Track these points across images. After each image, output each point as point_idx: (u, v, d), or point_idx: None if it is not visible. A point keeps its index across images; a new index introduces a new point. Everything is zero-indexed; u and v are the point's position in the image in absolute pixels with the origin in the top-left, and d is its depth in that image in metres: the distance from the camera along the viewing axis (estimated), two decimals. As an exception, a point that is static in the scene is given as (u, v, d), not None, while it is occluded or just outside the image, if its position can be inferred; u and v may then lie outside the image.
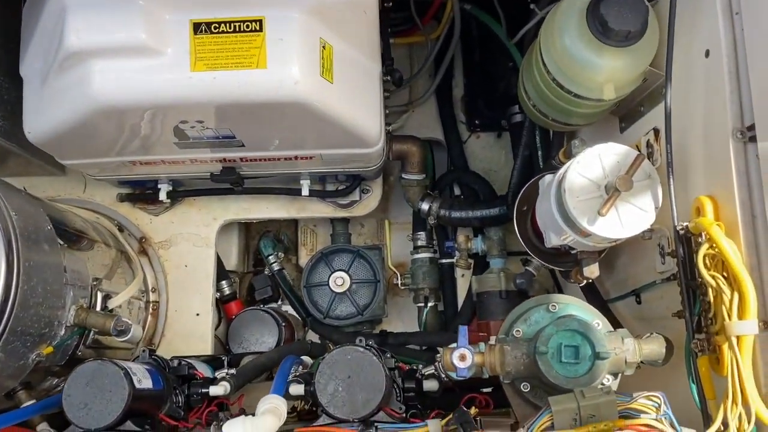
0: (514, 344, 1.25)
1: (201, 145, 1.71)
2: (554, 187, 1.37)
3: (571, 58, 1.35)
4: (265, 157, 1.81)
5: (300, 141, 1.73)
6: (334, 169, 1.97)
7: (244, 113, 1.52)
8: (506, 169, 2.26)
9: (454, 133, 2.25)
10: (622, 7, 1.26)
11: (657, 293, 1.47)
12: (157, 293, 2.12)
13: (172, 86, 1.42)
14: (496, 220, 2.03)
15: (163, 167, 1.88)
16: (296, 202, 2.15)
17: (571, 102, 1.46)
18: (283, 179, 2.03)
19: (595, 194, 1.30)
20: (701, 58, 1.26)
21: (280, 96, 1.43)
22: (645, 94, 1.47)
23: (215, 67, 1.41)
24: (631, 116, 1.57)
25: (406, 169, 2.07)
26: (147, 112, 1.49)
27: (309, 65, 1.44)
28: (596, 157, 1.31)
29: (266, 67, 1.40)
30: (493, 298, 1.94)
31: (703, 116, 1.27)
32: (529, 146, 1.92)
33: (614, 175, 1.29)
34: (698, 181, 1.29)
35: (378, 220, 2.42)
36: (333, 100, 1.52)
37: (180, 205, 2.17)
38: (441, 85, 2.25)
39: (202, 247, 2.16)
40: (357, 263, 2.17)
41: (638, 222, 1.29)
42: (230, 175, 1.89)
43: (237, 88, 1.41)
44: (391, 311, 2.30)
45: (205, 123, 1.57)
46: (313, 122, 1.56)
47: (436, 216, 2.06)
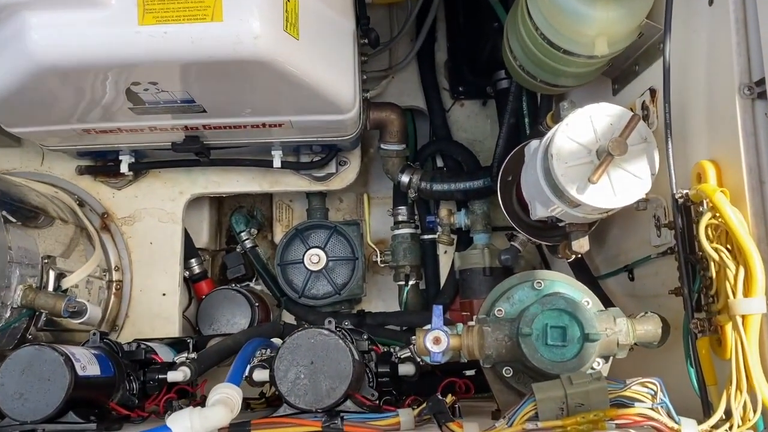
0: (495, 325, 1.13)
1: (158, 111, 1.57)
2: (541, 154, 1.25)
3: (560, 9, 1.22)
4: (230, 125, 1.68)
5: (266, 106, 1.59)
6: (308, 138, 1.84)
7: (200, 73, 1.38)
8: (492, 139, 2.13)
9: (436, 101, 2.11)
10: (617, -50, 1.12)
11: (652, 269, 1.35)
12: (120, 272, 1.99)
13: (117, 42, 1.28)
14: (480, 193, 1.91)
15: (122, 136, 1.75)
16: (269, 174, 2.03)
17: (561, 60, 1.33)
18: (254, 150, 1.90)
19: (585, 160, 1.17)
20: (704, 6, 1.13)
21: (239, 53, 1.29)
22: (640, 52, 1.34)
23: (165, 20, 1.26)
24: (624, 77, 1.44)
25: (385, 139, 1.94)
26: (92, 73, 1.35)
27: (271, 18, 1.30)
28: (587, 118, 1.19)
29: (222, 20, 1.26)
30: (477, 276, 1.83)
31: (705, 72, 1.14)
32: (515, 113, 1.79)
33: (607, 139, 1.17)
34: (699, 144, 1.16)
35: (357, 194, 2.29)
36: (299, 58, 1.38)
37: (144, 178, 2.04)
38: (423, 49, 2.11)
39: (168, 223, 2.03)
40: (334, 240, 2.05)
41: (632, 190, 1.17)
42: (193, 145, 1.76)
43: (190, 43, 1.27)
44: (370, 290, 2.18)
45: (160, 85, 1.43)
46: (278, 83, 1.42)
47: (416, 189, 1.94)
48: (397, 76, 2.16)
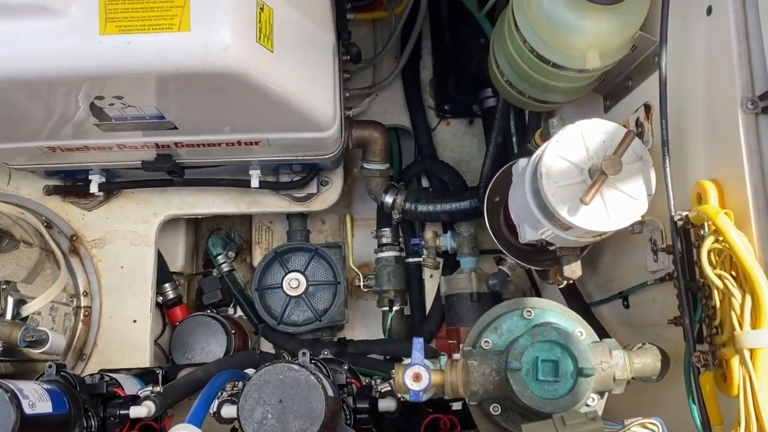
0: (481, 358, 1.04)
1: (127, 128, 1.48)
2: (529, 173, 1.17)
3: (549, 20, 1.15)
4: (203, 142, 1.59)
5: (241, 122, 1.51)
6: (287, 157, 1.75)
7: (168, 87, 1.30)
8: (479, 158, 2.06)
9: (421, 120, 2.04)
10: (609, -43, 1.05)
11: (648, 296, 1.27)
12: (89, 297, 1.89)
13: (77, 53, 1.19)
14: (466, 215, 1.82)
15: (91, 154, 1.66)
16: (247, 195, 1.94)
17: (550, 74, 1.26)
18: (231, 169, 1.81)
19: (577, 179, 1.09)
20: (702, 16, 1.06)
21: (208, 65, 1.20)
22: (633, 66, 1.27)
23: (129, 29, 1.18)
24: (616, 92, 1.37)
25: (368, 158, 1.86)
26: (51, 86, 1.27)
27: (242, 29, 1.22)
28: (578, 135, 1.11)
29: (189, 30, 1.18)
30: (464, 301, 1.74)
31: (704, 86, 1.07)
32: (502, 131, 1.72)
33: (600, 157, 1.09)
34: (699, 162, 1.09)
35: (340, 215, 2.20)
36: (273, 71, 1.30)
37: (116, 198, 1.94)
38: (407, 66, 2.04)
39: (141, 246, 1.93)
40: (315, 263, 1.95)
41: (628, 212, 1.09)
42: (165, 163, 1.67)
43: (155, 54, 1.19)
44: (353, 316, 2.09)
45: (126, 99, 1.34)
46: (252, 98, 1.34)
47: (401, 210, 1.86)
48: (381, 94, 2.09)
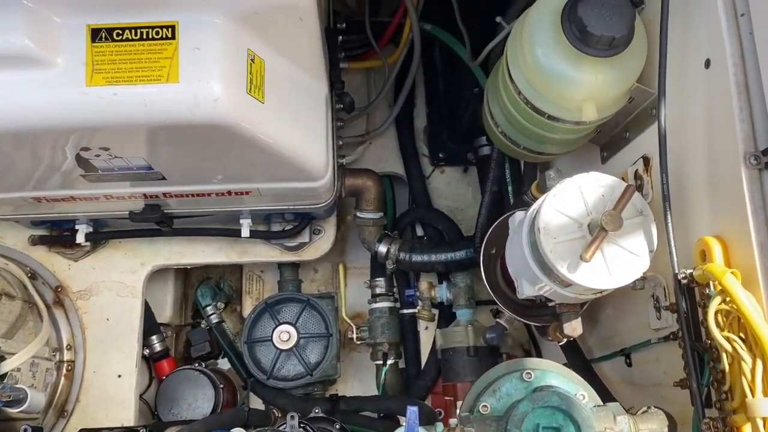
0: (479, 425, 0.99)
1: (114, 178, 1.45)
2: (526, 227, 1.14)
3: (544, 71, 1.13)
4: (193, 192, 1.56)
5: (232, 173, 1.48)
6: (279, 206, 1.72)
7: (156, 138, 1.27)
8: (474, 207, 2.02)
9: (415, 168, 2.02)
10: (604, 9, 1.04)
11: (652, 354, 1.22)
12: (72, 351, 1.83)
13: (62, 104, 1.16)
14: (462, 265, 1.78)
15: (77, 204, 1.62)
16: (237, 244, 1.90)
17: (545, 126, 1.23)
18: (221, 218, 1.78)
19: (576, 235, 1.06)
20: (700, 69, 1.04)
21: (197, 116, 1.17)
22: (631, 117, 1.25)
23: (116, 81, 1.15)
24: (614, 144, 1.34)
25: (361, 207, 1.83)
26: (36, 138, 1.23)
27: (233, 80, 1.20)
28: (576, 189, 1.08)
29: (178, 81, 1.15)
30: (460, 356, 1.68)
31: (704, 139, 1.05)
32: (497, 180, 1.69)
33: (599, 212, 1.06)
34: (702, 218, 1.05)
35: (333, 264, 2.16)
36: (264, 122, 1.27)
37: (103, 248, 1.90)
38: (401, 114, 2.03)
39: (127, 297, 1.88)
40: (307, 314, 1.90)
41: (629, 269, 1.05)
42: (153, 214, 1.63)
43: (143, 106, 1.16)
44: (346, 369, 2.03)
45: (112, 150, 1.31)
46: (242, 149, 1.31)
47: (395, 260, 1.82)
48: (375, 142, 2.07)
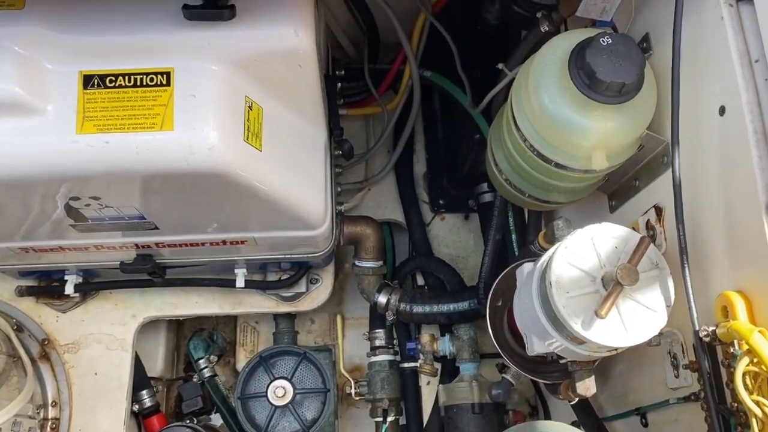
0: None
1: (104, 228, 1.40)
2: (536, 280, 1.08)
3: (551, 119, 1.09)
4: (186, 242, 1.50)
5: (227, 222, 1.43)
6: (275, 255, 1.66)
7: (149, 187, 1.22)
8: (476, 255, 1.98)
9: (415, 215, 1.97)
10: (613, 55, 1.01)
11: (670, 415, 1.15)
12: (57, 408, 1.74)
13: (52, 153, 1.12)
14: (465, 316, 1.72)
15: (66, 255, 1.56)
16: (232, 295, 1.83)
17: (552, 174, 1.19)
18: (215, 268, 1.72)
19: (589, 289, 1.01)
20: (714, 116, 1.01)
21: (192, 165, 1.13)
22: (641, 165, 1.21)
23: (108, 128, 1.11)
24: (623, 193, 1.30)
25: (360, 255, 1.78)
26: (23, 186, 1.19)
27: (229, 128, 1.16)
28: (588, 241, 1.03)
29: (173, 129, 1.11)
30: (465, 413, 1.60)
31: (721, 188, 1.00)
32: (501, 229, 1.65)
33: (612, 265, 1.02)
34: (721, 271, 1.00)
35: (330, 314, 2.09)
36: (261, 170, 1.23)
37: (93, 299, 1.83)
38: (400, 161, 1.99)
39: (117, 351, 1.80)
40: (303, 368, 1.82)
41: (646, 325, 1.00)
42: (145, 264, 1.57)
43: (135, 154, 1.12)
44: (344, 426, 1.94)
45: (103, 200, 1.26)
46: (238, 198, 1.26)
47: (395, 311, 1.75)
48: (374, 188, 2.02)
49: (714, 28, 0.99)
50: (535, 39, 1.34)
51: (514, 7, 1.41)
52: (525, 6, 1.39)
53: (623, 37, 1.02)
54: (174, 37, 1.13)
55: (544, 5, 1.34)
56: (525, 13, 1.40)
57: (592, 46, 1.01)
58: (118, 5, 1.13)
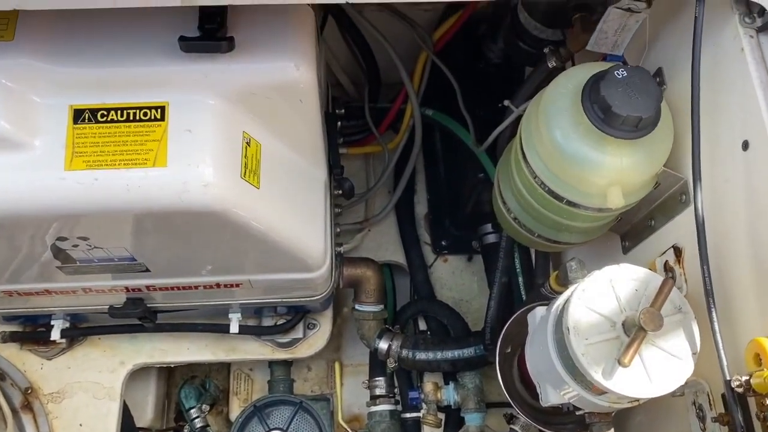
0: None
1: (93, 271, 1.33)
2: (551, 325, 1.02)
3: (564, 155, 1.04)
4: (178, 285, 1.44)
5: (221, 264, 1.36)
6: (271, 299, 1.59)
7: (140, 227, 1.16)
8: (480, 298, 1.91)
9: (417, 256, 1.91)
10: (629, 88, 0.97)
11: (697, 471, 1.07)
12: (38, 462, 1.65)
13: (38, 190, 1.06)
14: (470, 364, 1.64)
15: (52, 299, 1.48)
16: (225, 340, 1.76)
17: (564, 213, 1.14)
18: (208, 312, 1.64)
19: (609, 335, 0.94)
20: (736, 151, 0.96)
21: (185, 202, 1.07)
22: (656, 204, 1.16)
23: (98, 165, 1.06)
24: (637, 233, 1.25)
25: (360, 299, 1.71)
26: (7, 225, 1.12)
27: (226, 164, 1.10)
28: (607, 283, 0.97)
29: (166, 165, 1.06)
30: (471, 467, 1.51)
31: (747, 226, 0.95)
32: (507, 271, 1.58)
33: (633, 309, 0.96)
34: (750, 315, 0.94)
35: (328, 361, 2.01)
36: (259, 209, 1.17)
37: (80, 345, 1.75)
38: (401, 201, 1.94)
39: (104, 400, 1.71)
40: (299, 419, 1.73)
41: (672, 374, 0.93)
42: (135, 309, 1.49)
43: (126, 192, 1.06)
44: (342, 480, 1.84)
45: (92, 240, 1.20)
46: (234, 238, 1.20)
47: (396, 357, 1.67)
48: (374, 229, 1.97)
49: (733, 60, 0.95)
50: (542, 75, 1.30)
51: (519, 44, 1.38)
52: (531, 42, 1.36)
53: (639, 69, 0.98)
54: (169, 69, 1.08)
55: (551, 41, 1.31)
56: (531, 49, 1.37)
57: (607, 79, 0.97)
58: (112, 37, 1.08)
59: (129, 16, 1.09)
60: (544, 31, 1.31)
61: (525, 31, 1.34)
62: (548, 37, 1.32)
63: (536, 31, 1.32)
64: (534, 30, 1.32)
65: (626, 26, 1.08)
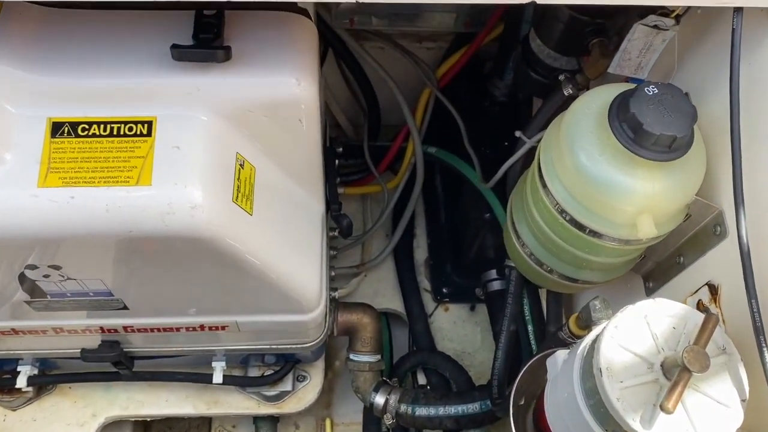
0: None
1: (65, 307, 1.20)
2: (578, 369, 0.91)
3: (589, 180, 0.95)
4: (159, 326, 1.31)
5: (206, 302, 1.24)
6: (259, 345, 1.47)
7: (118, 255, 1.05)
8: (483, 351, 1.79)
9: (416, 304, 1.79)
10: (661, 105, 0.89)
11: None
12: None
13: (6, 208, 0.95)
14: (476, 420, 1.50)
15: (20, 339, 1.35)
16: (207, 392, 1.62)
17: (586, 246, 1.04)
18: (189, 360, 1.51)
19: (647, 377, 0.83)
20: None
21: (170, 226, 0.96)
22: (686, 238, 1.06)
23: (75, 182, 0.95)
24: (662, 272, 1.15)
25: (356, 348, 1.58)
26: (-32, 249, 1.01)
27: (216, 185, 1.00)
28: (641, 320, 0.87)
29: (150, 184, 0.96)
30: None
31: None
32: (515, 318, 1.47)
33: (671, 348, 0.85)
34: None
35: (318, 418, 1.86)
36: (251, 237, 1.06)
37: (49, 395, 1.62)
38: (400, 245, 1.84)
39: (71, 457, 1.56)
40: (286, 480, 1.58)
41: (719, 423, 0.81)
42: (110, 353, 1.36)
43: (104, 212, 0.95)
44: None
45: (65, 270, 1.08)
46: (222, 270, 1.09)
47: (394, 413, 1.54)
48: (371, 275, 1.86)
49: (773, 78, 0.88)
50: (557, 104, 1.23)
51: (532, 75, 1.31)
52: (543, 72, 1.29)
53: (670, 86, 0.90)
54: (159, 81, 0.99)
55: (565, 69, 1.25)
56: (543, 79, 1.31)
57: (637, 96, 0.89)
58: (99, 44, 1.00)
59: (117, 22, 1.01)
60: (558, 59, 1.25)
61: (537, 60, 1.28)
62: (562, 65, 1.25)
63: (549, 59, 1.26)
64: (547, 58, 1.26)
65: (652, 46, 1.01)
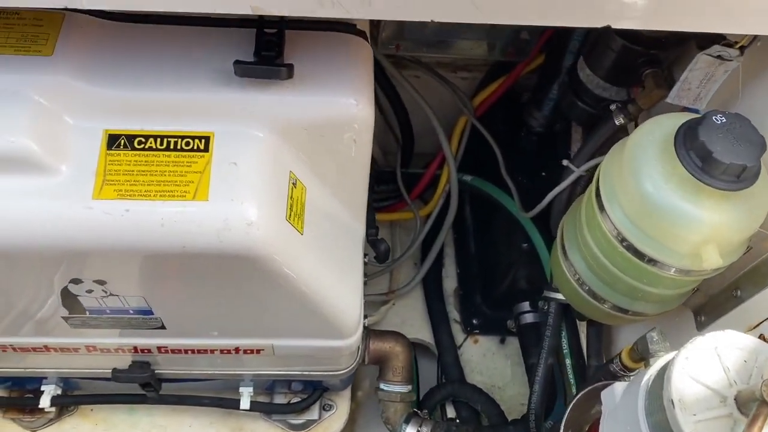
0: None
1: (102, 324, 1.18)
2: (642, 401, 0.88)
3: (654, 208, 0.93)
4: (193, 348, 1.28)
5: (246, 323, 1.22)
6: (289, 371, 1.44)
7: (166, 271, 1.03)
8: (514, 385, 1.75)
9: (446, 335, 1.76)
10: (729, 134, 0.88)
11: None
12: None
13: (59, 219, 0.93)
14: (511, 455, 1.47)
15: (50, 357, 1.32)
16: (232, 418, 1.58)
17: (644, 275, 1.02)
18: (216, 385, 1.48)
19: (720, 411, 0.80)
20: None
21: (225, 243, 0.95)
22: (745, 271, 1.05)
23: (130, 195, 0.94)
24: (717, 305, 1.12)
25: (387, 378, 1.54)
26: (16, 259, 0.99)
27: (271, 203, 0.99)
28: (712, 352, 0.84)
29: (207, 200, 0.94)
30: None
31: None
32: (553, 351, 1.44)
33: (744, 382, 0.82)
34: None
35: (342, 449, 1.81)
36: (299, 257, 1.05)
37: (71, 416, 1.58)
38: (429, 274, 1.82)
39: (91, 481, 1.51)
40: None
41: (797, 461, 0.78)
42: (141, 373, 1.33)
43: (159, 227, 0.93)
44: None
45: (109, 285, 1.06)
46: (269, 289, 1.06)
47: (425, 446, 1.50)
48: (399, 303, 1.83)
49: None
50: (607, 133, 1.22)
51: (578, 104, 1.31)
52: (591, 102, 1.29)
53: (738, 115, 0.89)
54: (218, 97, 0.99)
55: (615, 100, 1.24)
56: (590, 109, 1.30)
57: (705, 124, 0.88)
58: (158, 58, 1.00)
59: (174, 37, 1.01)
60: (607, 89, 1.25)
61: (586, 89, 1.28)
62: (611, 96, 1.25)
63: (599, 89, 1.26)
64: (596, 88, 1.26)
65: (713, 77, 1.01)
